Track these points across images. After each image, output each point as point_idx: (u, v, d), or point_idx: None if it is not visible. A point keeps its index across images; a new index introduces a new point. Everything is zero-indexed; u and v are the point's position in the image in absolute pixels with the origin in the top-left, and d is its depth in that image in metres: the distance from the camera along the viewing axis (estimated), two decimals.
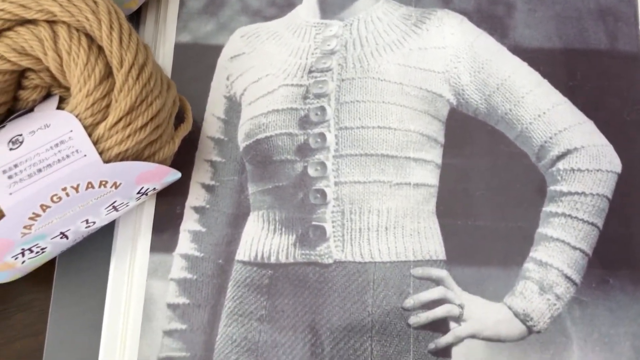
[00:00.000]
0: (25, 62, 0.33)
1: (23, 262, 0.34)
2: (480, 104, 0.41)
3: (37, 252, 0.34)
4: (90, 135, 0.32)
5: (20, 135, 0.32)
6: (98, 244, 0.39)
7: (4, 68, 0.33)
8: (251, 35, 0.43)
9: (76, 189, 0.31)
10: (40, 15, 0.33)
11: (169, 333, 0.37)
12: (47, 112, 0.33)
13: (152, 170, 0.33)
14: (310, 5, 0.43)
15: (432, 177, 0.40)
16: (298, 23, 0.43)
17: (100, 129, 0.32)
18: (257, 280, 0.38)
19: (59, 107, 0.34)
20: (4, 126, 0.33)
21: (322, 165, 0.40)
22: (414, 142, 0.40)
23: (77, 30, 0.33)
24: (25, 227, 0.31)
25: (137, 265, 0.39)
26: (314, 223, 0.39)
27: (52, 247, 0.35)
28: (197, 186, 0.40)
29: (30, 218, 0.31)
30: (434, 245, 0.38)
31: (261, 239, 0.39)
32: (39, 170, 0.31)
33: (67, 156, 0.31)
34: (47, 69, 0.33)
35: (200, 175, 0.40)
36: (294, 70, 0.42)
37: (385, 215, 0.39)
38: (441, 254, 0.38)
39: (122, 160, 0.32)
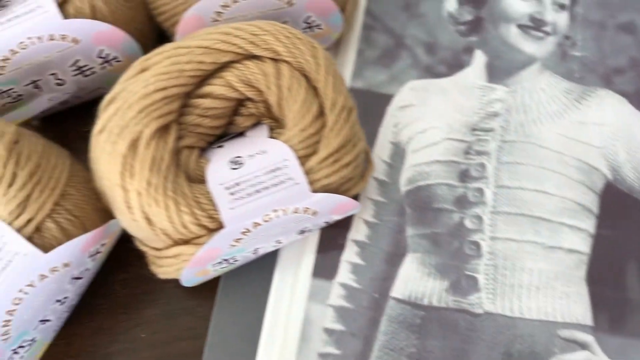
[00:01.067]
0: (249, 93, 0.36)
1: (215, 270, 0.38)
2: (635, 182, 0.43)
3: (230, 263, 0.37)
4: (302, 165, 0.35)
5: (240, 157, 0.35)
6: (262, 262, 0.42)
7: (231, 95, 0.36)
8: (420, 89, 0.46)
9: (285, 212, 0.34)
10: (267, 53, 0.37)
11: (323, 356, 0.40)
12: (262, 140, 0.36)
13: (346, 203, 0.36)
14: (479, 69, 0.47)
15: (584, 245, 0.42)
16: (465, 83, 0.46)
17: (312, 162, 0.35)
18: (409, 319, 0.41)
19: (270, 137, 0.37)
20: (222, 146, 0.37)
21: (479, 218, 0.42)
22: (569, 209, 0.42)
23: (297, 70, 0.37)
24: (235, 240, 0.34)
25: (298, 287, 0.41)
26: (467, 272, 0.41)
27: (242, 260, 0.38)
28: (360, 221, 0.43)
29: (242, 232, 0.34)
30: (582, 310, 0.40)
31: (416, 280, 0.41)
32: (257, 191, 0.34)
33: (282, 182, 0.34)
34: (265, 101, 0.37)
35: (364, 212, 0.43)
36: (458, 126, 0.45)
37: (537, 275, 0.41)
38: (588, 320, 0.40)
39: (325, 192, 0.35)
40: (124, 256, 0.42)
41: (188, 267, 0.35)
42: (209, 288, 0.42)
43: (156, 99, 0.34)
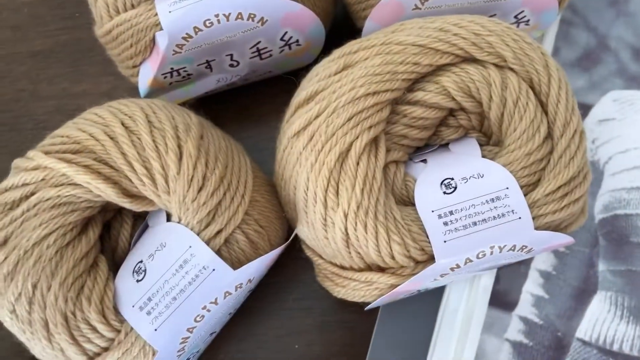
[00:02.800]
0: (466, 103, 0.31)
1: (401, 298, 0.34)
2: None
3: (420, 292, 0.34)
4: (525, 197, 0.30)
5: (453, 179, 0.30)
6: None
7: (446, 105, 0.31)
8: (625, 102, 0.40)
9: (500, 249, 0.30)
10: (491, 57, 0.31)
11: None
12: (475, 160, 0.31)
13: (566, 241, 0.32)
14: None
15: None
16: None
17: (537, 193, 0.30)
18: None
19: (482, 156, 0.32)
20: (425, 161, 0.32)
21: None
22: None
23: (525, 81, 0.32)
24: (440, 275, 0.30)
25: (473, 315, 0.37)
26: None
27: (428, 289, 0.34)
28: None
29: (451, 268, 0.30)
30: None
31: (606, 322, 0.37)
32: (474, 224, 0.30)
33: (502, 215, 0.30)
34: (481, 114, 0.32)
35: None
36: None
37: None
38: None
39: (547, 229, 0.31)
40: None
41: (384, 297, 0.31)
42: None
43: (367, 105, 0.30)
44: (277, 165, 0.33)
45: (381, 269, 0.31)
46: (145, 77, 0.36)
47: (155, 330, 0.29)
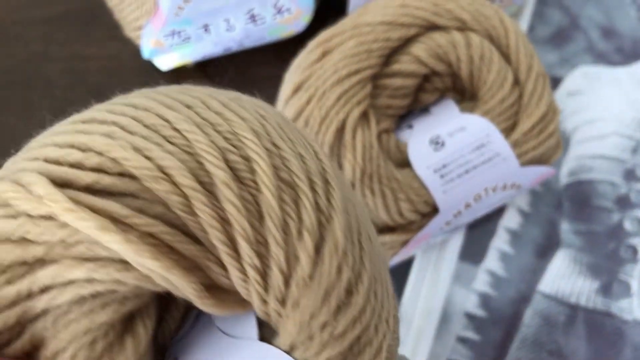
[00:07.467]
0: (439, 67, 0.35)
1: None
2: None
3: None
4: (506, 139, 0.34)
5: (439, 136, 0.34)
6: None
7: (421, 71, 0.35)
8: (592, 77, 0.44)
9: (494, 190, 0.33)
10: (452, 22, 0.35)
11: (461, 340, 0.39)
12: (455, 115, 0.34)
13: (547, 172, 0.35)
14: None
15: None
16: None
17: (516, 134, 0.34)
18: (554, 315, 0.40)
19: (460, 111, 0.35)
20: (411, 126, 0.35)
21: (639, 222, 0.40)
22: None
23: (486, 37, 0.35)
24: (445, 223, 0.34)
25: (443, 267, 0.41)
26: (620, 276, 0.40)
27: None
28: (514, 209, 0.41)
29: (454, 215, 0.33)
30: None
31: (565, 276, 0.40)
32: (466, 172, 0.33)
33: (490, 159, 0.33)
34: (453, 74, 0.35)
35: (520, 199, 0.41)
36: (628, 121, 0.42)
37: None
38: None
39: (531, 164, 0.34)
40: None
41: (398, 255, 0.34)
42: None
43: (352, 83, 0.33)
44: None
45: (391, 229, 0.34)
46: (149, 37, 0.39)
47: None
